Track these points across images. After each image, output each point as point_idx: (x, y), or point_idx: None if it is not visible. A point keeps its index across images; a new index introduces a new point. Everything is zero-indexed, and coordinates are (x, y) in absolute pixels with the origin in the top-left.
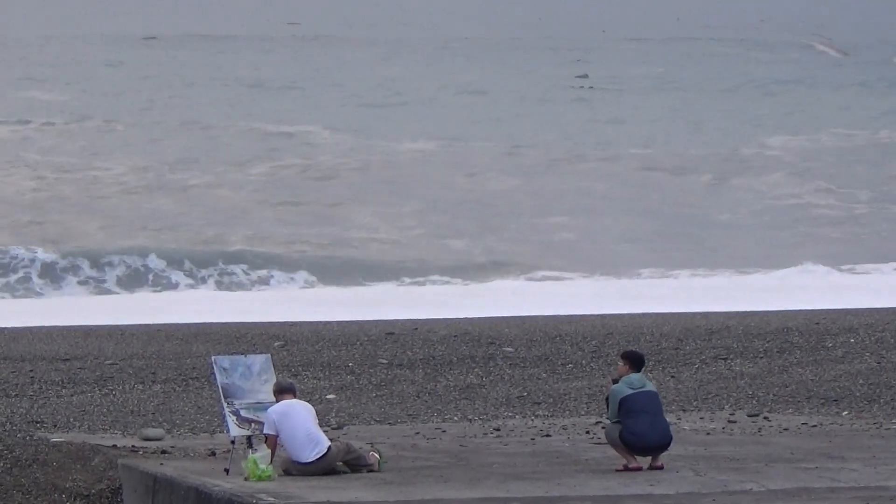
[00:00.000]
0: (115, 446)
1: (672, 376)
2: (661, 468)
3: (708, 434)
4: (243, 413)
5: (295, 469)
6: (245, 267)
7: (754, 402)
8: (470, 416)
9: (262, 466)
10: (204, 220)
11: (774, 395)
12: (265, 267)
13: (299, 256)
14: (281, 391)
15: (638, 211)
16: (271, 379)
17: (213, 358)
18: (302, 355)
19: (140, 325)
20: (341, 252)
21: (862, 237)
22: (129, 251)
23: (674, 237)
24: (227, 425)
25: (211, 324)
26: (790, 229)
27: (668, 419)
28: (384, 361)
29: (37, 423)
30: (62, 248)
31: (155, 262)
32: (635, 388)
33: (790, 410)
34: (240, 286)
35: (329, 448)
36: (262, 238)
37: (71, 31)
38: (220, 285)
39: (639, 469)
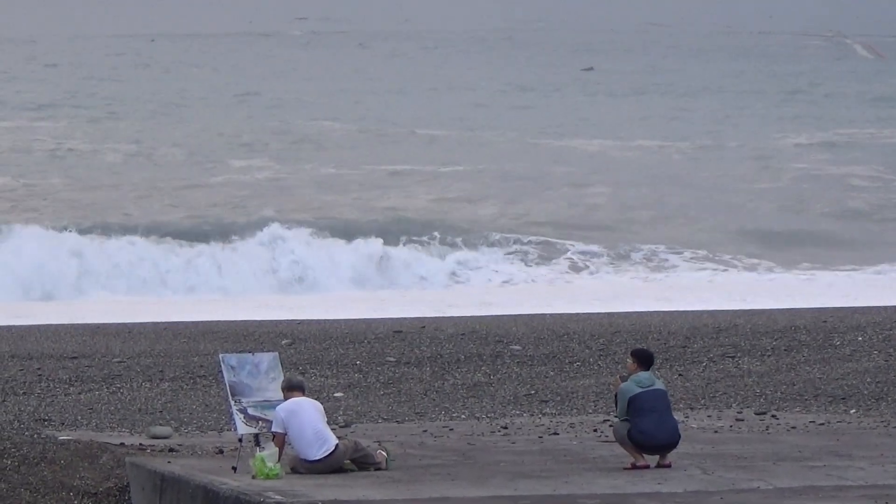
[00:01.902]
0: (122, 444)
1: (680, 374)
2: (668, 466)
3: (715, 432)
4: (251, 411)
5: (302, 467)
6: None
7: (762, 400)
8: (477, 415)
9: (270, 464)
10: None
11: (782, 393)
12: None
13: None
14: (290, 388)
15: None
16: (279, 377)
17: (220, 356)
18: (309, 353)
19: (147, 323)
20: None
21: None
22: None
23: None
24: (234, 423)
25: (218, 322)
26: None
27: (675, 417)
28: (392, 359)
29: (44, 421)
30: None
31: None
32: (644, 387)
33: (798, 409)
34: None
35: (337, 446)
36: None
37: (70, 32)
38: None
39: (646, 467)
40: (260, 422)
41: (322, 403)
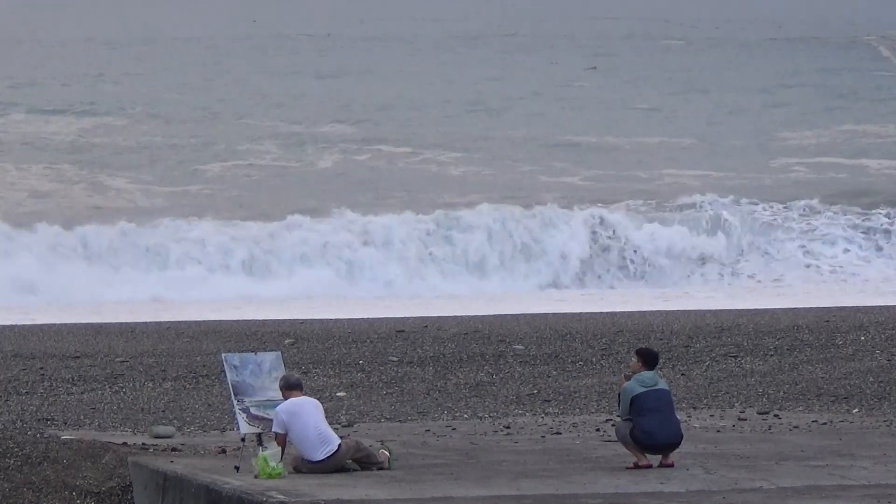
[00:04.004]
0: (125, 444)
1: (682, 374)
2: (671, 466)
3: (718, 432)
4: (253, 410)
5: (305, 467)
6: None
7: (764, 399)
8: (480, 414)
9: (273, 464)
10: None
11: (784, 392)
12: None
13: None
14: (289, 388)
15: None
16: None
17: (223, 355)
18: (312, 353)
19: (150, 323)
20: None
21: None
22: None
23: None
24: (237, 423)
25: (221, 321)
26: None
27: (678, 417)
28: (394, 359)
29: (47, 420)
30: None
31: None
32: (647, 386)
33: (800, 408)
34: None
35: (339, 446)
36: None
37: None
38: None
39: (649, 467)
40: (262, 421)
41: (324, 403)
